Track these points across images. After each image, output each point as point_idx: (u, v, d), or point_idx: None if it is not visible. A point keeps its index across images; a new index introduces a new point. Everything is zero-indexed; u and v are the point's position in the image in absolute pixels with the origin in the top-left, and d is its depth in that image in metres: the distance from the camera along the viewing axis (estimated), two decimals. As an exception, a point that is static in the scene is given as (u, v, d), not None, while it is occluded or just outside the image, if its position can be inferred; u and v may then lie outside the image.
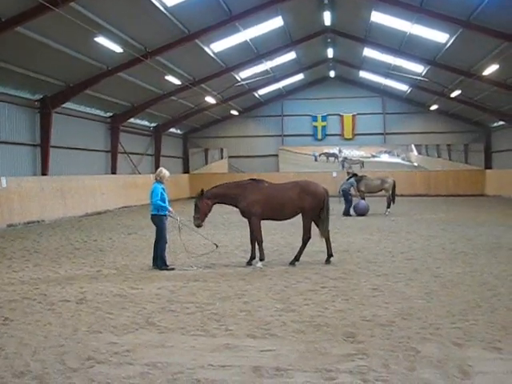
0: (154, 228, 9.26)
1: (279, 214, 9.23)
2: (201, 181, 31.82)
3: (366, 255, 10.19)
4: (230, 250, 11.10)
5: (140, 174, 27.93)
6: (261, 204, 9.03)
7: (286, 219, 9.56)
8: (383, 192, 19.53)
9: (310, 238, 9.25)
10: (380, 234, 13.57)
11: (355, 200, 19.14)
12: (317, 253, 10.28)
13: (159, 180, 9.07)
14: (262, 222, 9.25)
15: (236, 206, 9.27)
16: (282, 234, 13.60)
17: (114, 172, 25.13)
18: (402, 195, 28.19)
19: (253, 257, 9.31)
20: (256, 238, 9.18)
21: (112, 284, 7.81)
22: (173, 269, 8.88)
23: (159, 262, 8.94)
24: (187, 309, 6.33)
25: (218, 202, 9.25)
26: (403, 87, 30.54)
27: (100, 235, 14.08)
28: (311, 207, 9.08)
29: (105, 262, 9.75)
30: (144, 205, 24.84)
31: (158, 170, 9.25)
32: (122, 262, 9.81)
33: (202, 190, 9.22)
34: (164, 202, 8.94)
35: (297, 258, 9.26)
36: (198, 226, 9.15)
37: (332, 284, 7.62)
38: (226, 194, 9.19)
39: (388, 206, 19.08)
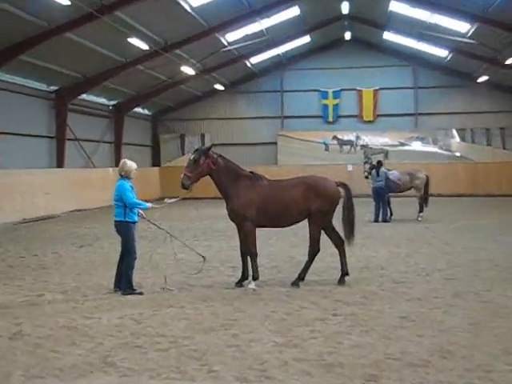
0: (116, 238, 9.21)
1: (279, 220, 9.32)
2: (176, 176, 31.64)
3: (391, 273, 10.20)
4: (213, 266, 11.07)
5: (95, 167, 27.86)
6: (257, 206, 9.09)
7: (286, 226, 9.67)
8: (413, 191, 19.58)
9: (318, 251, 9.30)
10: (410, 245, 13.60)
11: None
12: (327, 269, 10.24)
13: (124, 175, 9.01)
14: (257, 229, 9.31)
15: (225, 201, 9.29)
16: (281, 246, 13.58)
17: (60, 165, 25.03)
18: (438, 195, 28.29)
19: (244, 276, 9.32)
20: (249, 250, 9.20)
21: (58, 312, 7.75)
22: (141, 293, 8.85)
23: (123, 283, 8.90)
24: (158, 344, 6.32)
25: (211, 176, 9.27)
26: (442, 53, 30.63)
27: (42, 248, 13.98)
28: (320, 211, 9.13)
29: (49, 284, 9.68)
30: (102, 208, 24.71)
31: (121, 162, 9.16)
32: (72, 283, 9.74)
33: (212, 146, 9.50)
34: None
35: (301, 277, 9.28)
36: (186, 187, 9.11)
37: (347, 311, 7.62)
38: (220, 175, 9.20)
39: (420, 210, 19.11)
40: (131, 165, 9.08)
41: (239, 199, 9.14)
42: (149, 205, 9.05)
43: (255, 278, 9.12)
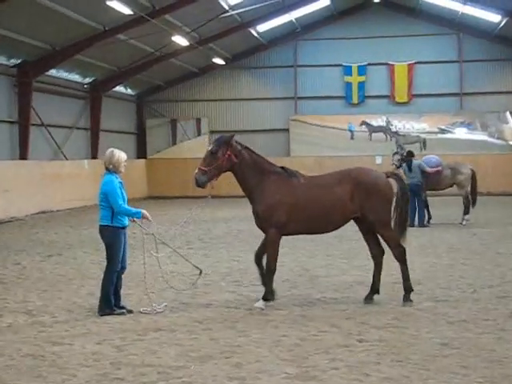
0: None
1: (317, 226, 9.44)
2: (166, 170, 31.76)
3: (430, 289, 10.19)
4: (212, 280, 11.09)
5: (67, 159, 27.90)
6: (288, 210, 9.10)
7: (327, 232, 9.76)
8: (456, 188, 19.52)
9: (404, 249, 9.38)
10: (453, 255, 13.58)
11: None
12: (351, 285, 10.23)
13: (112, 169, 9.01)
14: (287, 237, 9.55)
15: (250, 202, 9.35)
16: (294, 255, 13.57)
17: (23, 156, 25.01)
18: (488, 193, 28.16)
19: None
20: (268, 262, 9.25)
21: (20, 338, 7.73)
22: (122, 313, 8.86)
23: (102, 301, 8.91)
24: (143, 376, 6.27)
25: (233, 172, 9.26)
26: (493, 17, 30.40)
27: (1, 259, 14.01)
28: (376, 210, 9.15)
29: (9, 302, 9.68)
30: (74, 209, 24.71)
31: (109, 152, 9.13)
32: (38, 301, 9.74)
33: (234, 134, 9.35)
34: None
35: (409, 290, 9.25)
36: (201, 185, 9.08)
37: (375, 336, 7.58)
38: (244, 170, 9.18)
39: (465, 211, 19.06)
40: (120, 156, 9.06)
41: (265, 200, 9.14)
42: (144, 212, 8.96)
43: (266, 299, 9.12)
